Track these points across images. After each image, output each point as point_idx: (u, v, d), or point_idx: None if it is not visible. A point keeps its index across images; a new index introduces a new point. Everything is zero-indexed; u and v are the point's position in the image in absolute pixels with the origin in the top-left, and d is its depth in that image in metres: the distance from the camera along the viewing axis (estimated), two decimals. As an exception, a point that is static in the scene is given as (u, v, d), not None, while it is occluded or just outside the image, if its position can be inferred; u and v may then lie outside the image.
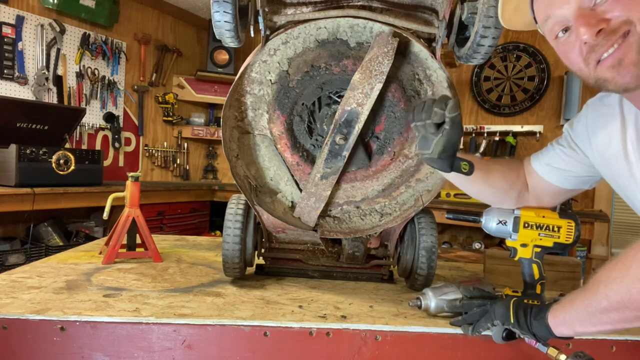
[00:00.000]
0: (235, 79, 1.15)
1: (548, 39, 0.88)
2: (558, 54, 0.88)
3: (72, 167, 2.93)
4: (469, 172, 0.99)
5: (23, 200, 2.69)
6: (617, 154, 0.94)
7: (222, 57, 4.76)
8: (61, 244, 3.25)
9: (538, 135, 3.82)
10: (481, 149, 3.99)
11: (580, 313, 0.84)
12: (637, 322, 0.79)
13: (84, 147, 3.93)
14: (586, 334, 0.86)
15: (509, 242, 1.14)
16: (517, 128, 3.90)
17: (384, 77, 1.07)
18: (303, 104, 1.21)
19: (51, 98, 3.66)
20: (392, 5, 1.13)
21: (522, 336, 0.94)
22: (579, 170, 1.08)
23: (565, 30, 0.83)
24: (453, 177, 1.09)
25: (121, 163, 4.31)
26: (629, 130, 0.92)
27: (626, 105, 0.93)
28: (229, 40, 1.09)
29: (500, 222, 1.13)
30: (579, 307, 0.84)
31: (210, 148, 5.13)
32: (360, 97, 1.09)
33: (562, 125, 3.76)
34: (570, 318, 0.86)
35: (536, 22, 0.90)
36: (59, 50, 3.69)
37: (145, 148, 4.54)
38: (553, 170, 1.11)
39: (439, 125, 0.93)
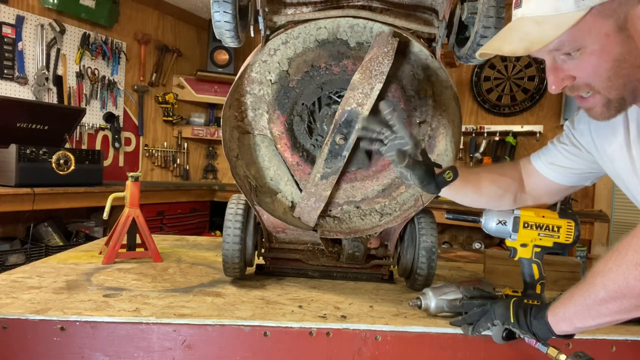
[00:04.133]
0: (235, 79, 1.15)
1: None
2: None
3: (72, 167, 2.93)
4: (455, 177, 1.03)
5: (23, 200, 2.68)
6: (620, 150, 0.95)
7: (222, 57, 4.76)
8: (61, 244, 3.25)
9: (538, 135, 3.82)
10: (481, 149, 3.99)
11: (579, 307, 0.84)
12: (635, 311, 0.79)
13: (84, 147, 3.93)
14: (586, 328, 0.86)
15: (508, 242, 1.14)
16: (517, 128, 3.90)
17: (384, 77, 1.07)
18: (303, 104, 1.21)
19: (51, 98, 3.65)
20: (392, 5, 1.13)
21: (522, 336, 0.94)
22: (582, 167, 1.09)
23: None
24: (445, 193, 1.11)
25: (121, 163, 4.30)
26: (632, 127, 0.92)
27: None
28: (229, 40, 1.09)
29: (500, 222, 1.13)
30: (577, 301, 0.84)
31: (210, 148, 5.13)
32: (360, 97, 1.09)
33: (562, 125, 3.76)
34: (570, 313, 0.86)
35: None
36: (59, 50, 3.69)
37: (145, 148, 4.54)
38: (556, 168, 1.11)
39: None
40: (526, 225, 1.11)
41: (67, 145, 3.17)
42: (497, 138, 3.95)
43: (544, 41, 0.79)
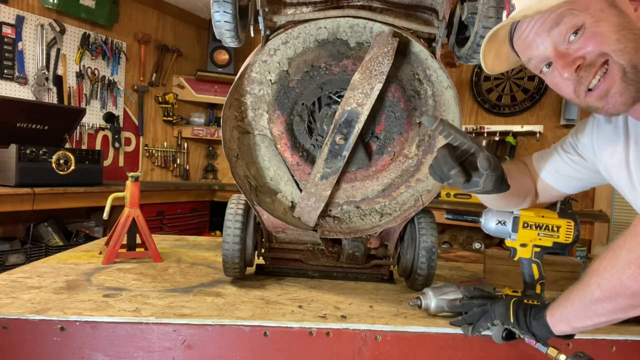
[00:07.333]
0: (235, 79, 1.15)
1: (534, 72, 0.91)
2: (548, 84, 0.91)
3: (72, 167, 2.93)
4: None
5: (23, 200, 2.68)
6: (619, 163, 0.96)
7: (222, 57, 4.76)
8: (61, 244, 3.25)
9: (538, 135, 3.82)
10: (481, 149, 3.99)
11: (576, 307, 0.84)
12: (631, 310, 0.79)
13: (84, 147, 3.93)
14: (584, 328, 0.86)
15: (508, 242, 1.14)
16: (517, 128, 3.90)
17: (384, 77, 1.07)
18: (303, 104, 1.21)
19: (51, 98, 3.65)
20: (392, 5, 1.13)
21: (522, 336, 0.94)
22: (587, 178, 1.09)
23: (549, 65, 0.86)
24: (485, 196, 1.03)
25: (121, 163, 4.31)
26: (632, 142, 0.93)
27: (630, 119, 0.94)
28: (229, 40, 1.09)
29: (500, 222, 1.13)
30: (574, 300, 0.85)
31: (210, 148, 5.13)
32: (360, 97, 1.09)
33: (563, 126, 3.77)
34: (567, 313, 0.86)
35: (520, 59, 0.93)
36: (59, 50, 3.69)
37: (145, 148, 4.54)
38: (561, 177, 1.11)
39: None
40: (526, 225, 1.11)
41: (67, 145, 3.17)
42: (497, 138, 3.95)
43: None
